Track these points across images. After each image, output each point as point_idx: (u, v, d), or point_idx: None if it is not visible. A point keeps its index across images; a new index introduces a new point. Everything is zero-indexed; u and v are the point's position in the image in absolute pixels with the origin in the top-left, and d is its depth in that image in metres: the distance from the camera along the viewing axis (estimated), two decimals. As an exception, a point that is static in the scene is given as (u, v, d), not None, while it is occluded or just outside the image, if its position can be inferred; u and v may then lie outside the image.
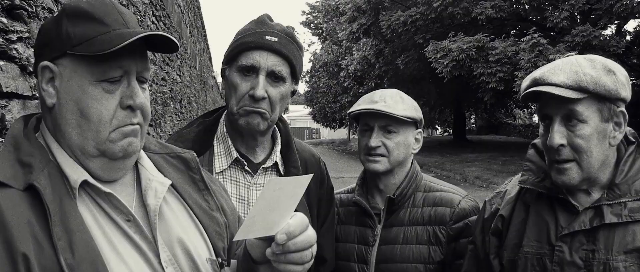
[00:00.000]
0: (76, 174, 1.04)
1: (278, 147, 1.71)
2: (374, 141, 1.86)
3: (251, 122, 1.58)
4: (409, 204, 1.93)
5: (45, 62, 1.05)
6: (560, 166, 1.45)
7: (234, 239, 1.11)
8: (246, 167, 1.65)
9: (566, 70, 1.42)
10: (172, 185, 1.19)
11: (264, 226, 1.04)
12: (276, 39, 1.58)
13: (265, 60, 1.56)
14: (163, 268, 1.08)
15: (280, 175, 1.68)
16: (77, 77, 1.04)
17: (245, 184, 1.65)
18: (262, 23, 1.63)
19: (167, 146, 1.30)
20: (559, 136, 1.42)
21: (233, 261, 1.23)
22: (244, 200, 1.64)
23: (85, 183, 1.05)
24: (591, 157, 1.42)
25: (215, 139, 1.69)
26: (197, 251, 1.16)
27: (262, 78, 1.56)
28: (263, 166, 1.67)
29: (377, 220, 1.93)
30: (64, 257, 0.94)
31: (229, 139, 1.66)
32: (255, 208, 1.09)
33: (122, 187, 1.13)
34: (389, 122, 1.85)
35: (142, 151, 1.19)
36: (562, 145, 1.42)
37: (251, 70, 1.56)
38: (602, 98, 1.40)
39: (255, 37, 1.57)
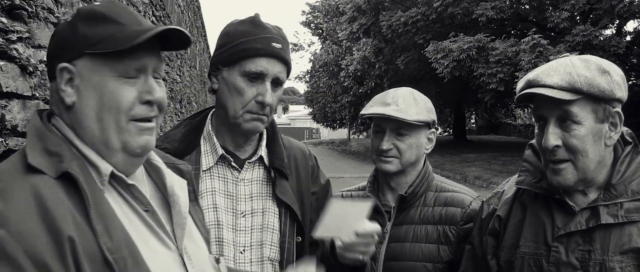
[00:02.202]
0: (104, 164, 1.08)
1: (263, 142, 1.74)
2: (386, 145, 1.87)
3: (255, 127, 1.64)
4: (420, 203, 1.94)
5: (63, 64, 1.07)
6: (556, 167, 1.45)
7: (314, 235, 1.51)
8: (233, 164, 1.68)
9: (560, 71, 1.42)
10: None
11: (338, 232, 1.51)
12: (280, 46, 1.62)
13: (273, 68, 1.60)
14: (182, 256, 1.15)
15: (265, 168, 1.72)
16: (97, 74, 1.07)
17: (232, 180, 1.68)
18: (261, 26, 1.64)
19: (166, 156, 1.35)
20: (553, 137, 1.42)
21: (223, 258, 1.39)
22: (232, 196, 1.67)
23: (110, 174, 1.09)
24: (586, 157, 1.42)
25: (201, 138, 1.72)
26: (202, 247, 1.26)
27: (269, 85, 1.60)
28: (249, 160, 1.70)
29: (387, 217, 1.94)
30: (104, 242, 0.97)
31: (214, 137, 1.70)
32: (327, 215, 1.52)
33: (135, 180, 1.17)
34: (401, 125, 1.86)
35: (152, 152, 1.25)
36: (557, 146, 1.42)
37: (258, 77, 1.59)
38: (596, 99, 1.40)
39: (263, 44, 1.59)
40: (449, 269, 1.85)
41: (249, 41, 1.60)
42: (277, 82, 1.62)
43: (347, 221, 1.50)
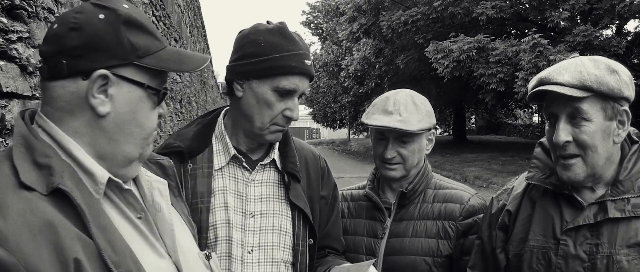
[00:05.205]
0: (101, 171, 1.03)
1: (276, 145, 1.76)
2: (390, 153, 1.90)
3: (277, 138, 1.68)
4: (420, 199, 1.97)
5: (104, 71, 1.00)
6: (566, 162, 1.49)
7: None
8: (244, 164, 1.69)
9: (571, 70, 1.46)
10: None
11: None
12: (310, 63, 1.64)
13: (303, 85, 1.62)
14: (174, 263, 1.11)
15: (278, 171, 1.74)
16: (137, 88, 1.05)
17: (243, 180, 1.69)
18: (292, 40, 1.61)
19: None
20: (564, 133, 1.46)
21: (215, 254, 1.36)
22: (242, 196, 1.68)
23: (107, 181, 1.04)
24: (596, 153, 1.46)
25: (213, 137, 1.73)
26: (188, 247, 1.22)
27: (296, 100, 1.63)
28: (261, 162, 1.71)
29: (387, 214, 1.97)
30: (108, 256, 0.93)
31: (226, 136, 1.71)
32: None
33: (129, 185, 1.14)
34: (404, 134, 1.87)
35: None
36: (567, 141, 1.46)
37: (289, 94, 1.61)
38: (605, 97, 1.44)
39: (297, 62, 1.59)
40: (448, 263, 1.88)
41: (284, 58, 1.58)
42: (302, 95, 1.66)
43: None
